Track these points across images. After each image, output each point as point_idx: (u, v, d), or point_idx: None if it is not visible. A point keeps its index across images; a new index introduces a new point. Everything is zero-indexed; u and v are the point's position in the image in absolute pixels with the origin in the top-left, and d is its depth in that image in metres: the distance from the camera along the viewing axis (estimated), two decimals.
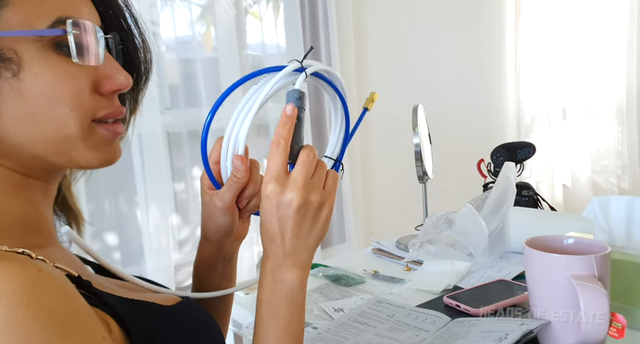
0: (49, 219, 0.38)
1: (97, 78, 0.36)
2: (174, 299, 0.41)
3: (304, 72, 0.43)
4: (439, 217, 0.90)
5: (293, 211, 0.39)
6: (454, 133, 1.91)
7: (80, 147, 0.35)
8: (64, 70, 0.34)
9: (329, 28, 1.57)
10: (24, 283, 0.28)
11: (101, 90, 0.36)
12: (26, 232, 0.35)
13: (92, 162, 0.37)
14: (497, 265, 0.84)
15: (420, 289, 0.76)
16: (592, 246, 0.57)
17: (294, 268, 0.40)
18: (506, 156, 1.04)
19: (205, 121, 0.45)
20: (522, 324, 0.56)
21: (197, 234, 1.42)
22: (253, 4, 1.56)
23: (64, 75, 0.34)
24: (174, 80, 1.38)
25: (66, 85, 0.34)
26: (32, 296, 0.27)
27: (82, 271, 0.39)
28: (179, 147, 1.37)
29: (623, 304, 0.60)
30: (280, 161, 0.40)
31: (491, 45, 2.24)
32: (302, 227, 0.40)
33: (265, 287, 0.40)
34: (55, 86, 0.34)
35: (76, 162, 0.36)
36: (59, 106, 0.34)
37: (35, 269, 0.29)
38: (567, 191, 2.54)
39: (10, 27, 0.32)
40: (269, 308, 0.40)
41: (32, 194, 0.37)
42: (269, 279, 0.40)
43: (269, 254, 0.40)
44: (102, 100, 0.37)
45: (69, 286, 0.31)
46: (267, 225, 0.40)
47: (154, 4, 1.30)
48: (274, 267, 0.40)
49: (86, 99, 0.35)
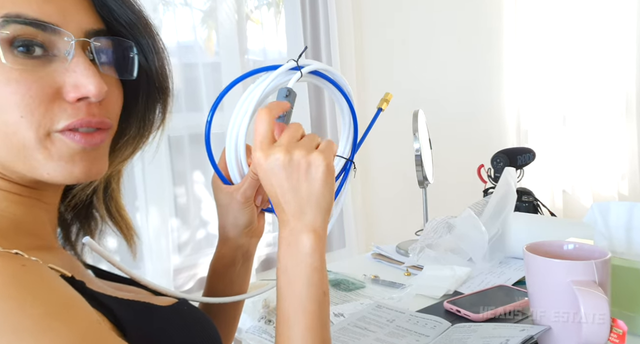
0: (46, 223, 0.38)
1: (62, 84, 0.33)
2: (170, 301, 0.41)
3: (300, 71, 0.44)
4: (439, 222, 0.90)
5: (280, 168, 0.39)
6: (454, 138, 1.91)
7: (39, 158, 0.33)
8: (8, 75, 0.32)
9: (330, 34, 1.58)
10: (6, 277, 0.28)
11: (65, 97, 0.33)
12: (21, 235, 0.35)
13: (54, 176, 0.34)
14: (498, 270, 0.84)
15: (421, 295, 0.76)
16: (592, 251, 0.58)
17: (304, 230, 0.39)
18: (506, 161, 1.04)
19: (207, 118, 0.46)
20: (522, 330, 0.56)
21: (197, 238, 1.42)
22: (254, 9, 1.57)
23: (9, 80, 0.32)
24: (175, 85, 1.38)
25: (10, 90, 0.32)
26: (15, 288, 0.28)
27: (79, 272, 0.38)
28: (179, 151, 1.38)
29: (623, 310, 0.60)
30: (266, 129, 0.40)
31: (491, 50, 2.25)
32: (296, 187, 0.39)
33: (281, 254, 0.40)
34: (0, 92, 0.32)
35: (39, 173, 0.34)
36: (7, 113, 0.32)
37: (19, 264, 0.29)
38: (567, 196, 2.54)
39: None
40: (286, 275, 0.39)
41: (27, 200, 0.36)
42: (284, 245, 0.40)
43: (280, 221, 0.40)
44: (68, 108, 0.34)
45: (54, 278, 0.30)
46: (268, 192, 0.40)
47: (156, 9, 1.31)
48: (286, 232, 0.40)
49: (40, 106, 0.32)
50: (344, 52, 1.64)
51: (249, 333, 0.67)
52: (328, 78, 0.47)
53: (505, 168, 0.90)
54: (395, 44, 1.87)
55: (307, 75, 0.46)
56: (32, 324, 0.27)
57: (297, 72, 0.44)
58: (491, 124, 2.26)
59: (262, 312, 0.69)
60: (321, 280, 0.39)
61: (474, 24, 2.15)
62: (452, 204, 1.19)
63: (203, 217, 1.42)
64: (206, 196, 1.43)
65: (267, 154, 0.39)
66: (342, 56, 1.62)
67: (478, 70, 2.18)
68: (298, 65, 0.44)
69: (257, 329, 0.67)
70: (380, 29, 1.82)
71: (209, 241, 1.43)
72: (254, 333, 0.66)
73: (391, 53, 1.86)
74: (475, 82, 2.16)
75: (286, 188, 0.39)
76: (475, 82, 2.16)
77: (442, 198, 1.35)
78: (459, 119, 2.02)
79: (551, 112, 2.43)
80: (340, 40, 1.61)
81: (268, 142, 0.40)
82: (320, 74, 0.47)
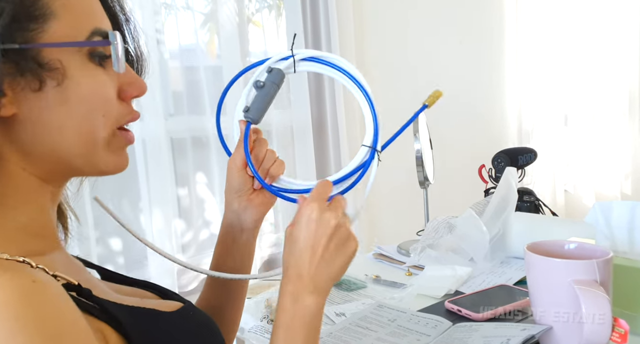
0: (54, 224, 0.39)
1: (120, 85, 0.38)
2: (176, 306, 0.42)
3: (292, 57, 0.48)
4: (440, 222, 0.90)
5: (330, 228, 0.41)
6: (455, 138, 1.91)
7: (102, 152, 0.37)
8: (98, 79, 0.36)
9: (331, 36, 1.58)
10: (15, 294, 0.28)
11: (125, 96, 0.38)
12: (30, 239, 0.36)
13: (110, 167, 0.38)
14: (499, 270, 0.84)
15: (422, 294, 0.76)
16: (594, 251, 0.58)
17: (315, 293, 0.41)
18: (507, 161, 1.04)
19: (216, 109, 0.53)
20: (523, 329, 0.56)
21: (200, 239, 1.43)
22: (255, 12, 1.58)
23: (99, 84, 0.36)
24: (177, 87, 1.39)
25: (100, 92, 0.36)
26: (21, 308, 0.28)
27: (83, 277, 0.39)
28: (182, 153, 1.38)
29: (625, 309, 0.60)
30: (326, 194, 0.44)
31: (493, 50, 2.25)
32: (330, 249, 0.41)
33: (284, 309, 0.41)
34: (93, 94, 0.35)
35: (97, 167, 0.38)
36: (94, 113, 0.36)
37: (29, 280, 0.29)
38: (569, 196, 2.53)
39: (57, 39, 0.34)
40: (288, 331, 0.40)
41: (44, 200, 0.37)
42: (289, 300, 0.41)
43: (292, 275, 0.41)
44: (126, 106, 0.39)
45: (62, 298, 0.31)
46: (301, 236, 0.42)
47: (158, 12, 1.32)
48: (295, 289, 0.41)
49: (114, 105, 0.37)
50: (345, 54, 1.64)
51: (252, 332, 0.67)
52: (329, 63, 0.49)
53: (506, 168, 0.90)
54: (396, 46, 1.87)
55: (313, 64, 0.49)
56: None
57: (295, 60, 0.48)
58: (492, 123, 2.26)
59: (265, 311, 0.69)
60: (317, 341, 0.41)
61: (475, 24, 2.15)
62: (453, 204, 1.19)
63: (206, 218, 1.43)
64: (209, 197, 1.44)
65: (321, 209, 0.42)
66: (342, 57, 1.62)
67: (479, 70, 2.18)
68: (292, 54, 0.48)
69: (259, 329, 0.67)
70: (381, 31, 1.83)
71: (213, 241, 1.42)
72: (257, 332, 0.67)
73: (392, 55, 1.86)
74: (476, 82, 2.16)
75: (322, 244, 0.41)
76: (477, 82, 2.16)
77: (443, 198, 1.35)
78: (460, 119, 2.02)
79: (553, 111, 2.42)
80: (341, 43, 1.61)
81: (324, 200, 0.43)
82: (321, 60, 0.49)
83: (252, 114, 0.49)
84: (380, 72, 1.81)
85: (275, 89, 0.49)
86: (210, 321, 0.44)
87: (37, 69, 0.33)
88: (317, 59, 0.49)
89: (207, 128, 1.37)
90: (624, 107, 2.61)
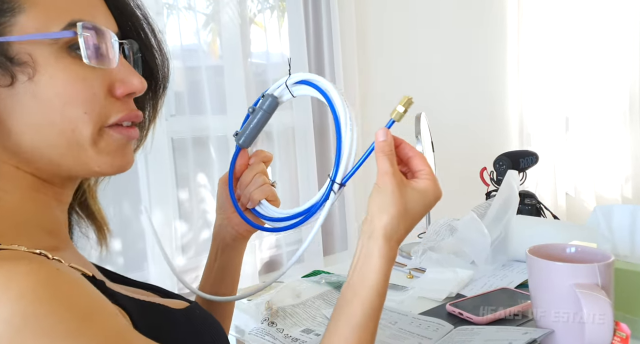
0: (62, 223, 0.39)
1: (112, 81, 0.36)
2: (183, 304, 0.42)
3: (285, 83, 0.49)
4: (441, 225, 0.90)
5: (434, 201, 0.44)
6: (457, 141, 1.91)
7: (91, 152, 0.36)
8: (77, 73, 0.34)
9: (333, 37, 1.58)
10: (42, 280, 0.28)
11: (115, 93, 0.37)
12: (41, 234, 0.36)
13: (104, 168, 0.37)
14: (500, 273, 0.84)
15: (423, 297, 0.76)
16: (595, 254, 0.57)
17: (391, 252, 0.42)
18: (509, 164, 1.04)
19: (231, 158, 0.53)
20: (525, 333, 0.56)
21: (201, 240, 1.42)
22: (257, 13, 1.58)
23: (77, 78, 0.34)
24: (179, 88, 1.39)
25: (79, 87, 0.34)
26: (50, 292, 0.28)
27: (96, 272, 0.39)
28: (183, 153, 1.38)
29: (627, 313, 0.59)
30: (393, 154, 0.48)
31: (494, 53, 2.25)
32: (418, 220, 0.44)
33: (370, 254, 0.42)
34: (69, 88, 0.34)
35: (89, 168, 0.36)
36: (72, 108, 0.34)
37: (53, 267, 0.29)
38: (570, 199, 2.53)
39: (25, 32, 0.33)
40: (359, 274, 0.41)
41: (47, 198, 0.37)
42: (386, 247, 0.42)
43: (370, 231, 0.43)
44: (117, 103, 0.37)
45: (85, 282, 0.31)
46: (412, 200, 0.43)
47: (160, 12, 1.32)
48: (384, 236, 0.42)
49: (100, 102, 0.35)
50: (347, 55, 1.64)
51: (252, 334, 0.67)
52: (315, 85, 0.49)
53: (507, 171, 0.90)
54: (398, 48, 1.88)
55: (305, 88, 0.49)
56: (66, 330, 0.27)
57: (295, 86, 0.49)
58: (494, 127, 2.26)
59: (265, 314, 0.69)
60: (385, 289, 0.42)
61: (477, 27, 2.15)
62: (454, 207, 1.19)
63: (207, 219, 1.43)
64: (209, 198, 1.44)
65: (436, 182, 0.45)
66: (344, 59, 1.63)
67: (481, 74, 2.18)
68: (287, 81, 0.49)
69: (260, 331, 0.67)
70: (383, 32, 1.83)
71: None
72: (257, 334, 0.67)
73: (394, 57, 1.86)
74: (478, 86, 2.16)
75: (420, 214, 0.43)
76: (478, 86, 2.16)
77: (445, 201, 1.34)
78: (462, 122, 2.02)
79: (554, 115, 2.43)
80: (342, 44, 1.62)
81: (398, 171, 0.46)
82: (311, 83, 0.50)
83: (241, 139, 0.51)
84: (382, 73, 1.81)
85: (267, 117, 0.50)
86: (215, 321, 0.44)
87: (6, 63, 0.32)
88: (307, 82, 0.49)
89: (208, 128, 1.37)
90: (625, 110, 2.61)
